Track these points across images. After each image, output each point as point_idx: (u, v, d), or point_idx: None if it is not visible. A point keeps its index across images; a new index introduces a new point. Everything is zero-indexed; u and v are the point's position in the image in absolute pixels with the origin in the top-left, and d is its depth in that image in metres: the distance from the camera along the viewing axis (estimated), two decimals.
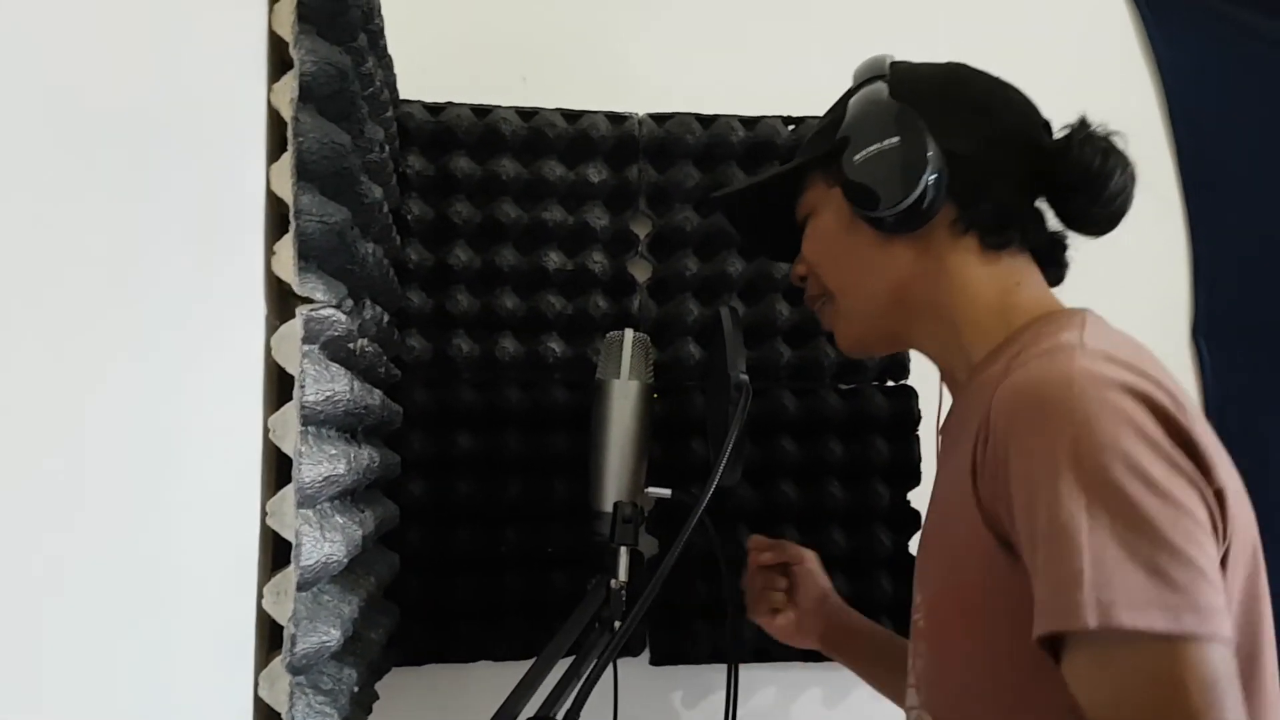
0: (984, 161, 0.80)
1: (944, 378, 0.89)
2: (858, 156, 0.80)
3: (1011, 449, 0.65)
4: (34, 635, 0.41)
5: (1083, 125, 0.80)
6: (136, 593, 0.51)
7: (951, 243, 0.82)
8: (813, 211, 0.90)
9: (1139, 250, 1.14)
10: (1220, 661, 0.57)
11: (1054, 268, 0.86)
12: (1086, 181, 0.79)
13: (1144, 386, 0.63)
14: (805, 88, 1.33)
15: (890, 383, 1.32)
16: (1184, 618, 0.57)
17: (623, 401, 0.99)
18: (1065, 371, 0.65)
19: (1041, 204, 0.84)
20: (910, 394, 1.30)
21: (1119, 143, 0.80)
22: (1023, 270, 0.83)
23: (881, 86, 0.83)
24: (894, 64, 0.86)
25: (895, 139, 0.78)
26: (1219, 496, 0.63)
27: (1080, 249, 0.86)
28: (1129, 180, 0.80)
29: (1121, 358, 0.66)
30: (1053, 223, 0.84)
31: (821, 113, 0.94)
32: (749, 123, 1.31)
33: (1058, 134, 0.82)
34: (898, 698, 1.03)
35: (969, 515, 0.71)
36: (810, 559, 1.09)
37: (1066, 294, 0.88)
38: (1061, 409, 0.63)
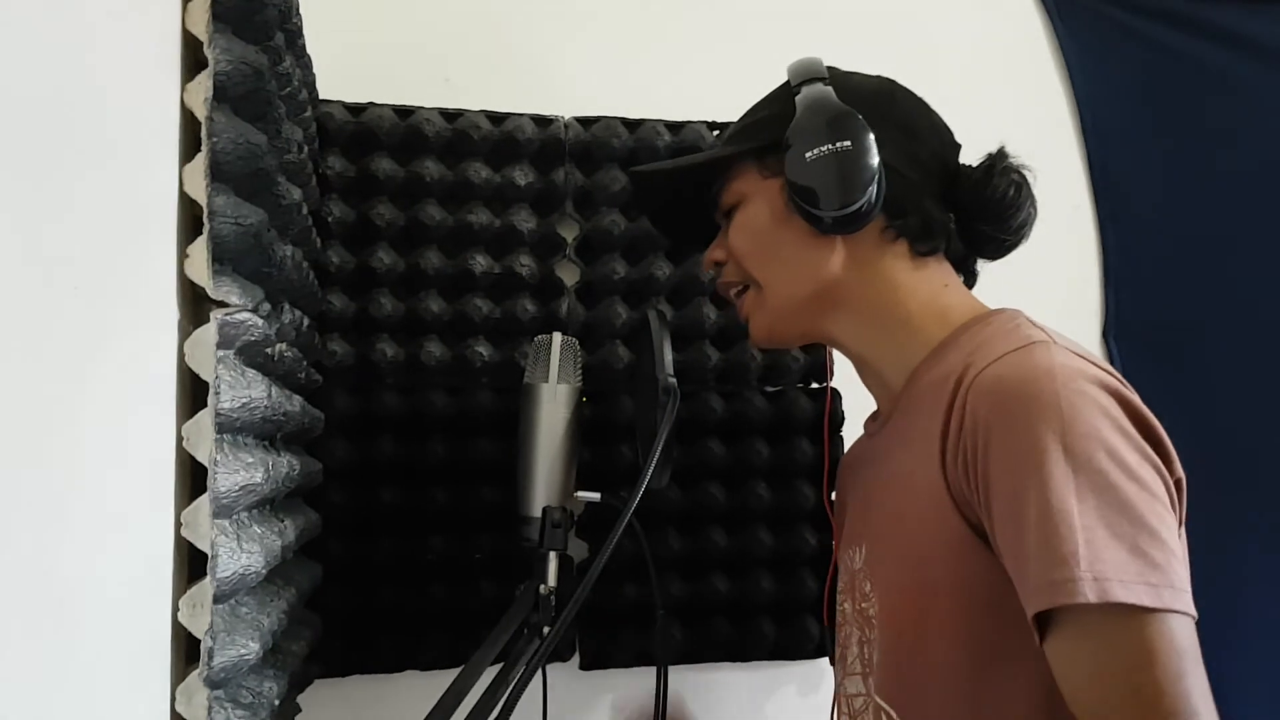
0: (912, 177, 0.84)
1: (865, 374, 0.92)
2: (809, 155, 0.82)
3: (994, 437, 0.69)
4: None
5: (1001, 155, 0.86)
6: (42, 606, 0.49)
7: (881, 248, 0.86)
8: (742, 200, 0.91)
9: (1051, 252, 1.17)
10: (1190, 635, 0.63)
11: (967, 275, 0.92)
12: (996, 209, 0.85)
13: (1111, 382, 0.69)
14: (730, 94, 1.35)
15: (814, 384, 1.34)
16: (1164, 594, 0.62)
17: (551, 405, 0.99)
18: (1047, 365, 0.69)
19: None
20: (834, 395, 1.32)
21: (1030, 177, 0.86)
22: (948, 274, 0.88)
23: (829, 90, 0.85)
24: (830, 69, 0.88)
25: (847, 143, 0.81)
26: (1178, 485, 0.69)
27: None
28: (1033, 213, 0.87)
29: (1083, 354, 0.72)
30: None
31: None
32: (674, 128, 1.32)
33: (977, 161, 0.87)
34: None
35: (935, 507, 0.74)
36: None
37: (982, 295, 0.90)
38: (1047, 400, 0.67)
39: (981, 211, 0.86)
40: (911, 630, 0.78)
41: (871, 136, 0.81)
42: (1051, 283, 1.45)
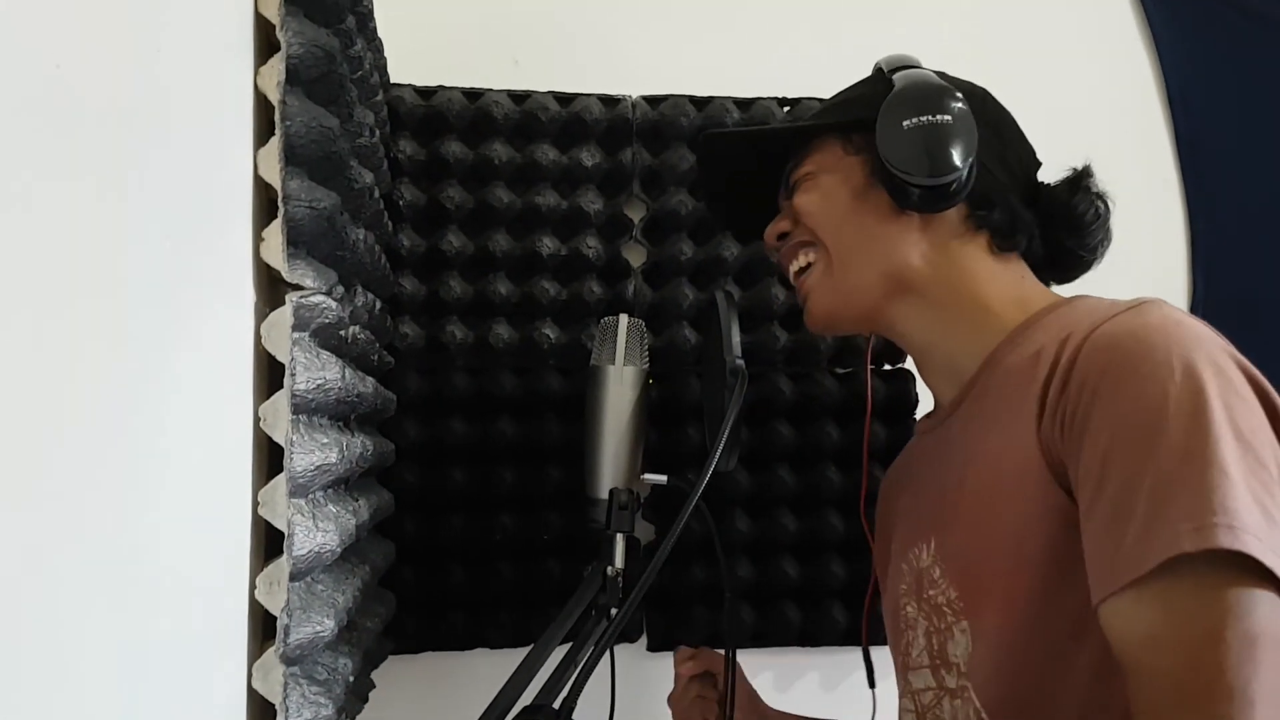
0: (1000, 177, 0.84)
1: (928, 366, 0.89)
2: (906, 122, 0.80)
3: (1103, 392, 0.66)
4: (18, 630, 0.40)
5: (1087, 172, 0.86)
6: (125, 585, 0.50)
7: (962, 237, 0.84)
8: (821, 170, 0.90)
9: (1137, 229, 1.12)
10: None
11: (1045, 279, 0.89)
12: (1081, 222, 0.84)
13: (1233, 350, 0.67)
14: (800, 69, 1.33)
15: (887, 366, 1.32)
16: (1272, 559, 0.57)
17: (618, 387, 0.98)
18: (1165, 320, 0.67)
19: None
20: (907, 377, 1.30)
21: (1111, 205, 0.86)
22: (1025, 270, 0.87)
23: (929, 71, 0.85)
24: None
25: (948, 117, 0.80)
26: None
27: None
28: (1106, 241, 0.87)
29: (1203, 321, 0.70)
30: None
31: (816, 93, 0.93)
32: (744, 104, 1.30)
33: (1060, 176, 0.87)
34: None
35: (1028, 477, 0.71)
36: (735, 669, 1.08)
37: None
38: (1163, 355, 0.64)
39: (1064, 225, 0.85)
40: (999, 610, 0.75)
41: (972, 119, 0.80)
42: (1137, 261, 1.40)
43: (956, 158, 0.79)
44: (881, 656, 1.08)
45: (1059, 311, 0.79)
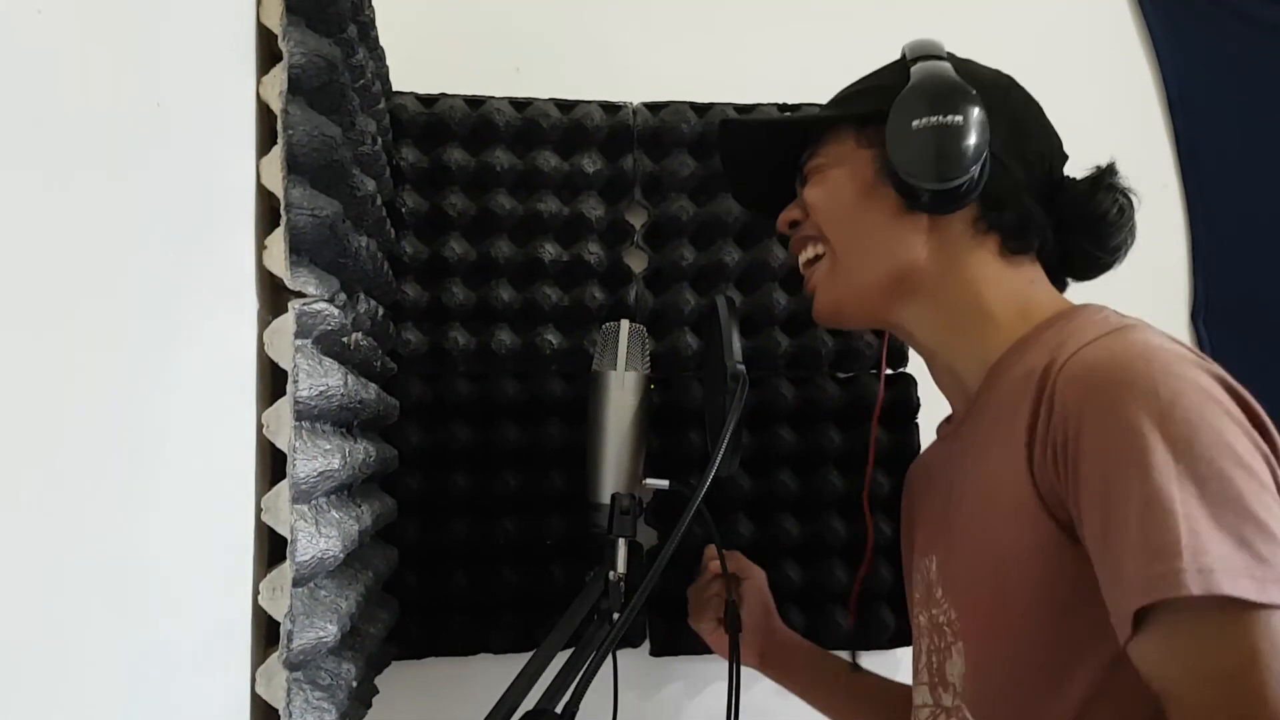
0: (1014, 173, 0.81)
1: (936, 370, 0.89)
2: (915, 122, 0.79)
3: (1086, 423, 0.65)
4: (22, 635, 0.40)
5: (1112, 170, 0.82)
6: (127, 590, 0.50)
7: (971, 239, 0.82)
8: (834, 163, 0.88)
9: (1139, 236, 1.12)
10: None
11: (1058, 284, 0.87)
12: (1098, 225, 0.81)
13: (1217, 369, 0.65)
14: (800, 74, 1.33)
15: (889, 370, 1.32)
16: (1270, 589, 0.57)
17: (619, 392, 0.99)
18: (1142, 349, 0.65)
19: None
20: (909, 381, 1.30)
21: (1135, 202, 0.82)
22: (1037, 272, 0.84)
23: (946, 65, 0.82)
24: (949, 54, 0.85)
25: (958, 118, 0.78)
26: None
27: None
28: (1129, 240, 0.83)
29: (1181, 343, 0.68)
30: None
31: (817, 99, 0.93)
32: (744, 110, 1.31)
33: (1082, 174, 0.83)
34: (837, 715, 1.07)
35: (1020, 506, 0.70)
36: (759, 576, 1.09)
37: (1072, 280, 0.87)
38: (1144, 383, 0.63)
39: (1082, 225, 0.82)
40: (993, 635, 0.75)
41: (984, 118, 0.78)
42: (1138, 264, 1.40)
43: (966, 161, 0.77)
44: (879, 659, 1.08)
45: (1057, 325, 0.77)
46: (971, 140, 0.77)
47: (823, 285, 0.89)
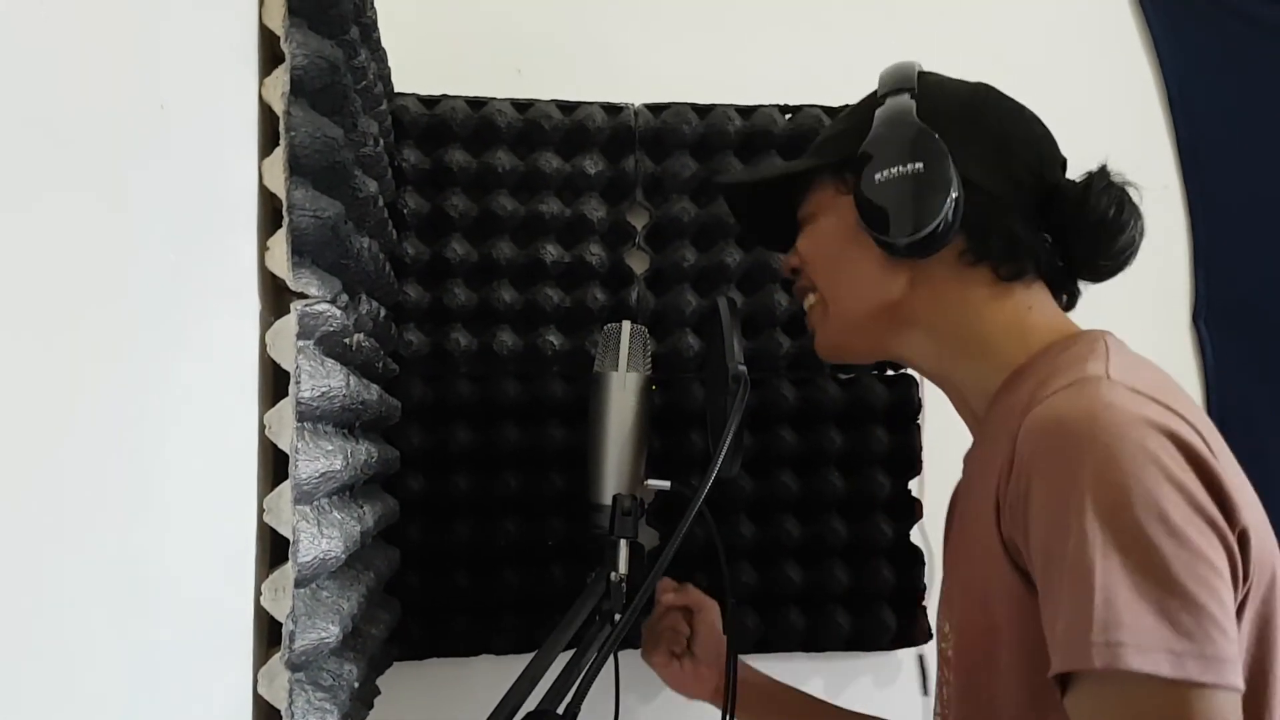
0: (999, 194, 0.78)
1: (949, 395, 0.88)
2: (878, 176, 0.78)
3: (1034, 482, 0.65)
4: (24, 636, 0.40)
5: (1103, 173, 0.79)
6: (130, 591, 0.50)
7: (960, 272, 0.80)
8: (818, 212, 0.88)
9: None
10: (1222, 709, 0.57)
11: (1069, 295, 0.85)
12: (1097, 230, 0.78)
13: (1171, 423, 0.62)
14: (802, 76, 1.33)
15: (890, 371, 1.32)
16: (1188, 664, 0.56)
17: (621, 393, 0.99)
18: (1090, 406, 0.64)
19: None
20: (911, 382, 1.30)
21: (1134, 195, 0.79)
22: (1035, 295, 0.82)
23: (909, 104, 0.80)
24: (922, 75, 0.83)
25: (919, 165, 0.76)
26: (1242, 538, 0.62)
27: None
28: (1138, 235, 0.80)
29: (1146, 391, 0.65)
30: None
31: (818, 101, 0.94)
32: (745, 112, 1.31)
33: (1077, 178, 0.81)
34: None
35: (993, 549, 0.70)
36: (713, 610, 1.08)
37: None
38: (1084, 445, 0.62)
39: (1079, 233, 0.79)
40: (979, 673, 0.75)
41: (949, 158, 0.75)
42: (1139, 265, 1.40)
43: (934, 207, 0.75)
44: (880, 660, 1.08)
45: (1051, 354, 0.76)
46: (937, 183, 0.75)
47: (819, 328, 0.91)
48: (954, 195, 0.75)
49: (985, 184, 0.78)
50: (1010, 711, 0.71)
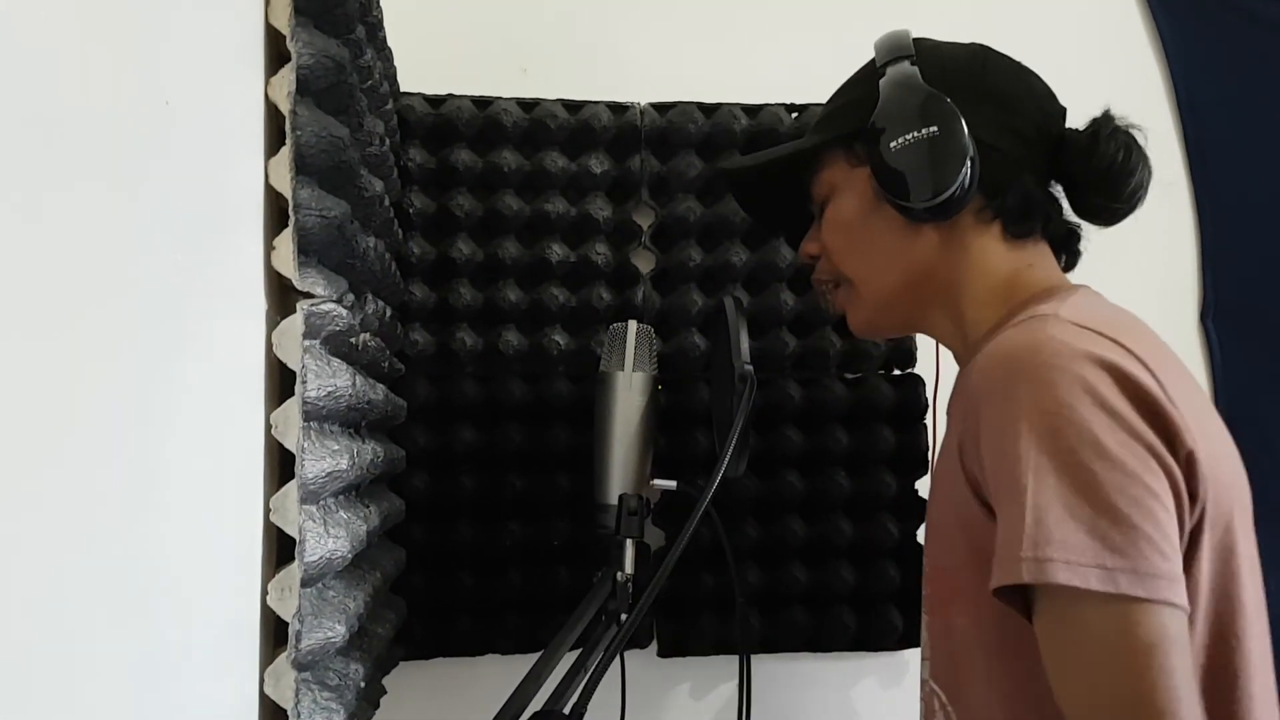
0: (1010, 152, 0.80)
1: (956, 359, 0.89)
2: (894, 144, 0.78)
3: (982, 413, 0.68)
4: (30, 636, 0.40)
5: (1107, 119, 0.81)
6: (136, 591, 0.50)
7: (976, 230, 0.82)
8: (832, 191, 0.88)
9: (1146, 235, 1.12)
10: (1164, 626, 0.59)
11: (1069, 255, 0.87)
12: (1108, 176, 0.80)
13: (1109, 354, 0.65)
14: (807, 75, 1.33)
15: (896, 371, 1.31)
16: (1120, 579, 0.59)
17: (627, 393, 0.99)
18: (1033, 339, 0.67)
19: (1056, 191, 0.84)
20: (917, 382, 1.30)
21: (1139, 138, 0.81)
22: (1038, 254, 0.84)
23: (913, 70, 0.81)
24: (917, 41, 0.84)
25: (934, 129, 0.77)
26: (1189, 461, 0.63)
27: (1088, 236, 0.86)
28: (1146, 176, 0.81)
29: (1092, 326, 0.68)
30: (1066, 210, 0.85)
31: (824, 99, 0.93)
32: (751, 111, 1.31)
33: (1082, 126, 0.82)
34: None
35: (958, 484, 0.72)
36: None
37: (1079, 278, 0.87)
38: (1025, 374, 0.65)
39: (1091, 180, 0.81)
40: (948, 608, 0.78)
41: (961, 119, 0.77)
42: (1146, 263, 1.40)
43: (953, 168, 0.76)
44: (886, 660, 1.07)
45: (1030, 307, 0.77)
46: (954, 145, 0.76)
47: (850, 307, 0.91)
48: (971, 155, 0.77)
49: (996, 142, 0.79)
50: (975, 637, 0.74)
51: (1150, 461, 0.62)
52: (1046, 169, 0.82)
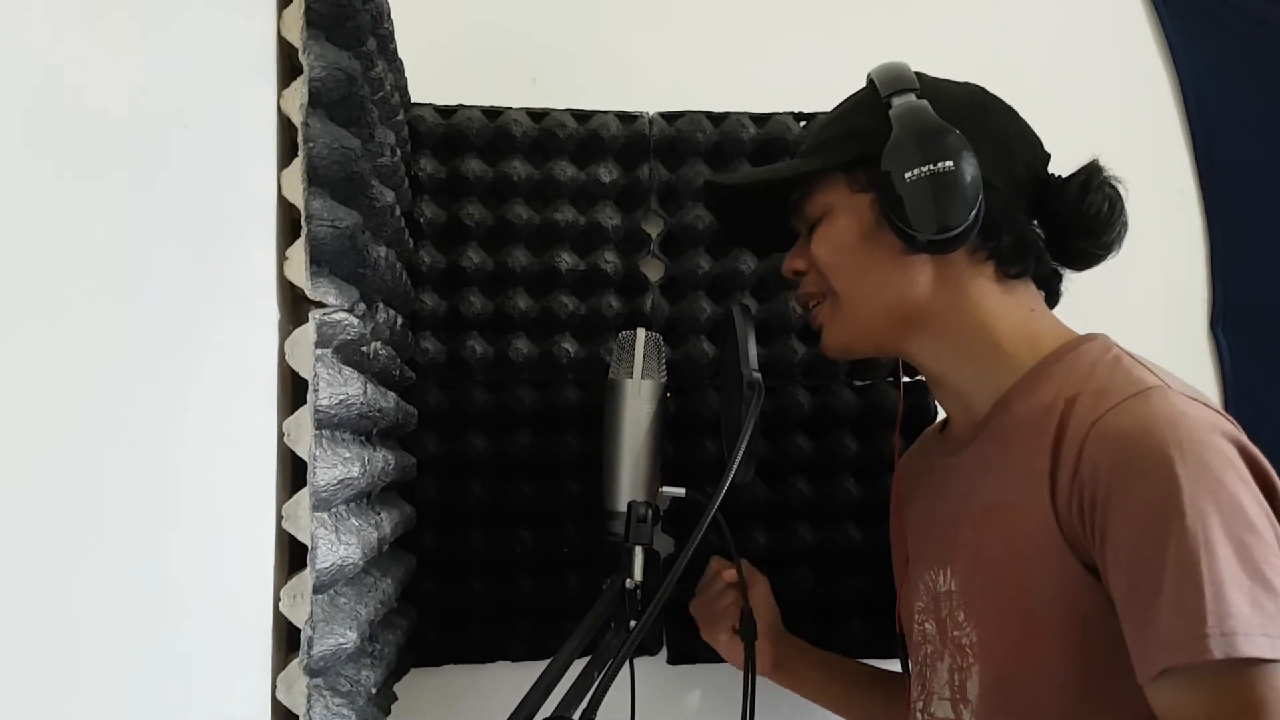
0: (1006, 193, 0.82)
1: (942, 393, 0.91)
2: (909, 175, 0.79)
3: (1116, 490, 0.69)
4: (40, 642, 0.41)
5: (1097, 169, 0.85)
6: (148, 597, 0.51)
7: (971, 268, 0.84)
8: (828, 212, 0.89)
9: (1156, 243, 1.12)
10: None
11: (1050, 295, 0.90)
12: (1096, 223, 0.84)
13: (1228, 427, 0.70)
14: (815, 84, 1.33)
15: (906, 378, 1.31)
16: (1279, 644, 0.63)
17: (636, 401, 0.99)
18: (1168, 416, 0.69)
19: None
20: (925, 390, 1.30)
21: (1123, 191, 0.85)
22: (1034, 297, 0.87)
23: (923, 104, 0.82)
24: (918, 76, 0.86)
25: (949, 164, 0.78)
26: None
27: None
28: (1122, 231, 0.86)
29: (1197, 398, 0.72)
30: None
31: (831, 108, 0.94)
32: (760, 120, 1.31)
33: (1069, 174, 0.86)
34: (853, 715, 1.10)
35: (1046, 541, 0.74)
36: (764, 583, 1.11)
37: (1088, 288, 0.88)
38: (1173, 454, 0.67)
39: (1076, 226, 0.84)
40: (1018, 664, 0.78)
41: (972, 156, 0.78)
42: (1155, 271, 1.40)
43: (965, 204, 0.78)
44: (891, 664, 1.07)
45: (1067, 360, 0.80)
46: (965, 181, 0.78)
47: (829, 324, 0.92)
48: (980, 192, 0.79)
49: (995, 181, 0.81)
50: (1053, 697, 0.74)
51: (1272, 530, 0.67)
52: (1033, 211, 0.85)
